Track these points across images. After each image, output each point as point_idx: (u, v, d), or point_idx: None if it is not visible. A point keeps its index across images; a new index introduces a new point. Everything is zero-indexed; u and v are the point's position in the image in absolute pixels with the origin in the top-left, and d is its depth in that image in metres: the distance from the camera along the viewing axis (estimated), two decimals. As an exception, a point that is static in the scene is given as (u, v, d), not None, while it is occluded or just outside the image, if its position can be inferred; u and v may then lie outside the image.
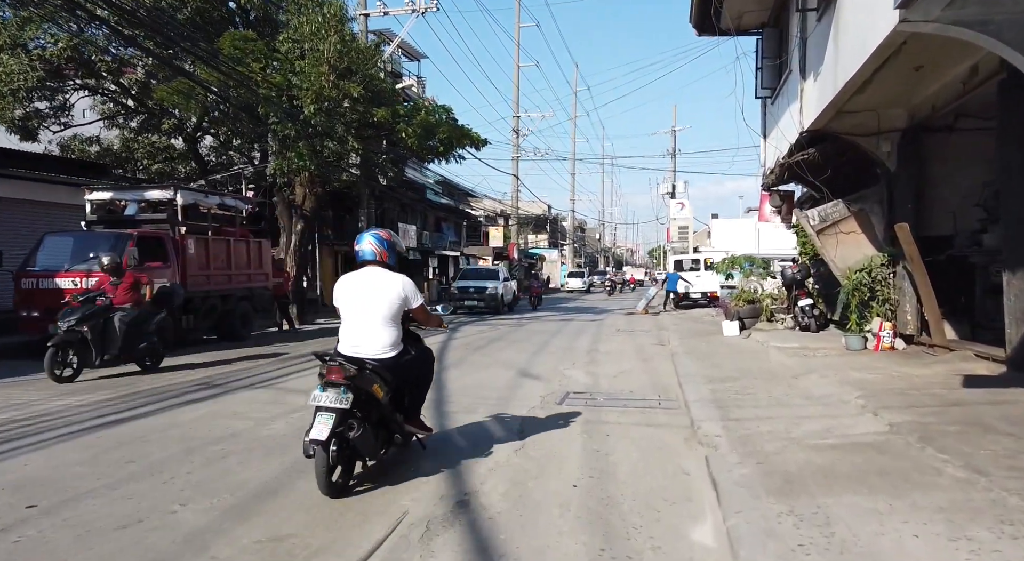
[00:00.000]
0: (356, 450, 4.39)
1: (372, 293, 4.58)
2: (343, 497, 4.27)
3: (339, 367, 4.28)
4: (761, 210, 15.60)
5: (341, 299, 4.69)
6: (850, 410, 6.21)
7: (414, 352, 4.90)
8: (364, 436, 4.27)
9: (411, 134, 19.98)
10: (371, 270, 4.67)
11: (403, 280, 4.66)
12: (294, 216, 19.36)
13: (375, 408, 4.48)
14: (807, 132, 10.80)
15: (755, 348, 11.99)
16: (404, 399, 4.89)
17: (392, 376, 4.54)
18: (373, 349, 4.52)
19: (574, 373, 9.96)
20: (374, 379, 4.39)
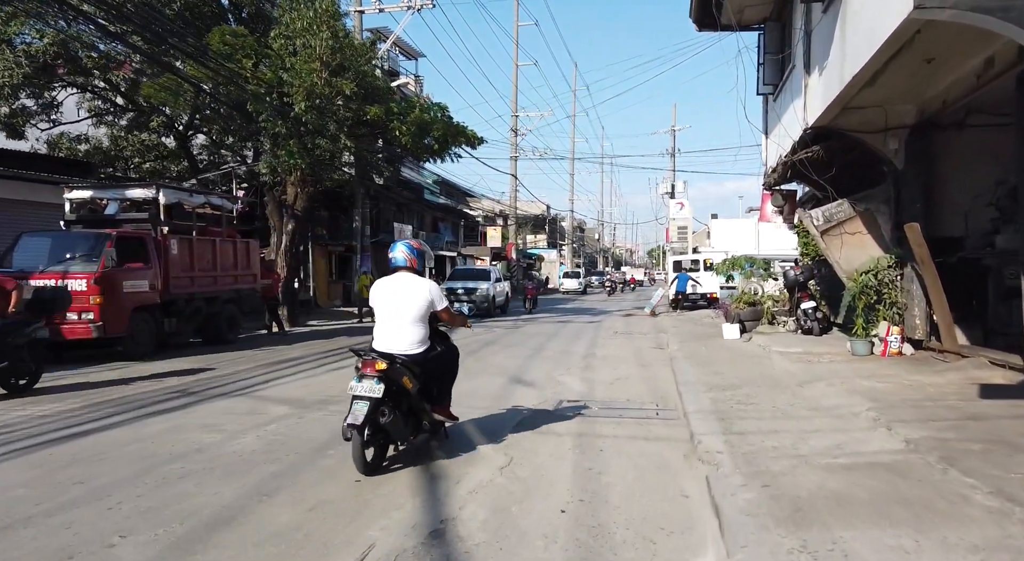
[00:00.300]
0: (388, 434, 5.00)
1: (403, 296, 5.14)
2: (375, 475, 4.85)
3: (372, 361, 4.84)
4: (763, 210, 15.19)
5: (376, 301, 5.25)
6: (861, 423, 5.79)
7: (440, 349, 5.44)
8: (394, 422, 4.85)
9: (405, 132, 19.56)
10: (402, 275, 5.24)
11: (430, 285, 5.25)
12: (285, 216, 18.93)
13: (405, 398, 5.02)
14: (811, 129, 10.38)
15: (757, 352, 11.57)
16: (432, 390, 5.41)
17: (420, 370, 5.10)
18: (403, 346, 5.07)
19: (568, 380, 9.55)
20: (404, 372, 4.94)
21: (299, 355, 12.21)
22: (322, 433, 6.10)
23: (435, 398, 5.47)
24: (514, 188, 47.02)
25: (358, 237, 26.73)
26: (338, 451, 5.50)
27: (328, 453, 5.45)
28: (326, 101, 18.23)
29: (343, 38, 18.84)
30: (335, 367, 10.68)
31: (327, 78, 17.99)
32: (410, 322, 5.11)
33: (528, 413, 7.13)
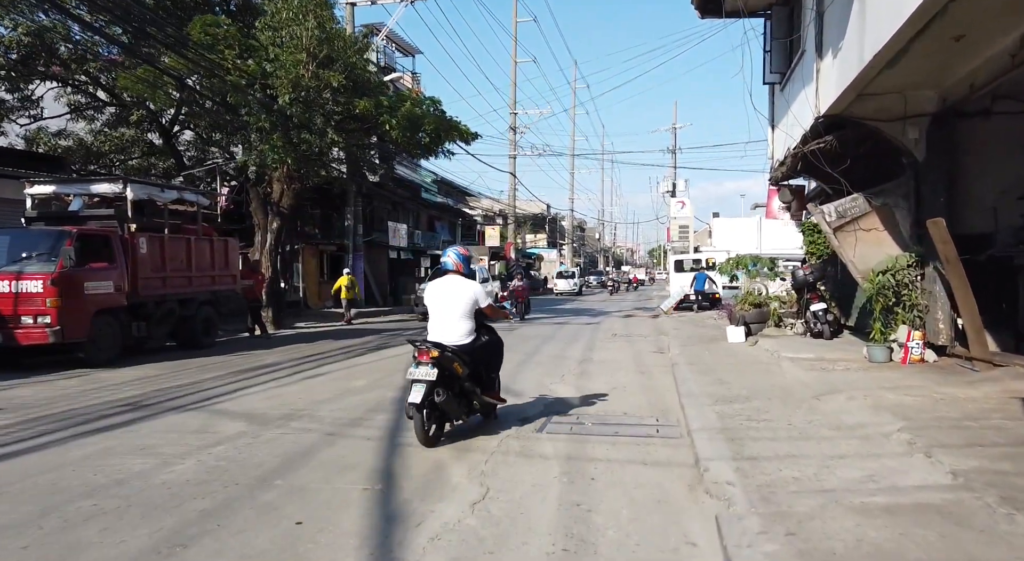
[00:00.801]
0: (444, 412, 5.76)
1: (451, 295, 5.99)
2: (434, 447, 5.59)
3: (427, 350, 5.59)
4: (769, 206, 14.41)
5: (429, 300, 6.12)
6: (894, 448, 5.01)
7: (485, 339, 6.20)
8: (448, 401, 5.64)
9: (395, 126, 18.77)
10: (451, 278, 6.13)
11: (475, 286, 6.13)
12: (270, 213, 18.17)
13: (456, 381, 5.80)
14: (824, 117, 9.61)
15: (764, 359, 10.79)
16: (481, 376, 6.18)
17: (469, 357, 5.89)
18: (453, 338, 5.87)
19: (561, 389, 8.77)
20: (454, 359, 5.70)
21: (275, 361, 11.44)
22: (272, 458, 5.32)
23: (484, 383, 6.25)
24: (513, 187, 46.29)
25: (350, 236, 25.98)
26: (286, 481, 4.73)
27: (274, 484, 4.68)
28: (312, 94, 17.47)
29: (331, 28, 18.08)
30: (310, 375, 9.91)
31: (314, 70, 17.24)
32: (458, 317, 5.95)
33: (512, 430, 6.34)
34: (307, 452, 5.51)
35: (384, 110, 18.78)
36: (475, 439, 5.99)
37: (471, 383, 5.98)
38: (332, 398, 8.00)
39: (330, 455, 5.43)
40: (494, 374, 6.46)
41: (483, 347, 6.15)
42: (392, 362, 11.38)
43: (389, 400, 7.88)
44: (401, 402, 7.78)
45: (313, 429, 6.32)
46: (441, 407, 5.66)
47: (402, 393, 8.35)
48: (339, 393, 8.35)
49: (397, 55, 43.09)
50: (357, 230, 26.28)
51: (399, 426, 6.52)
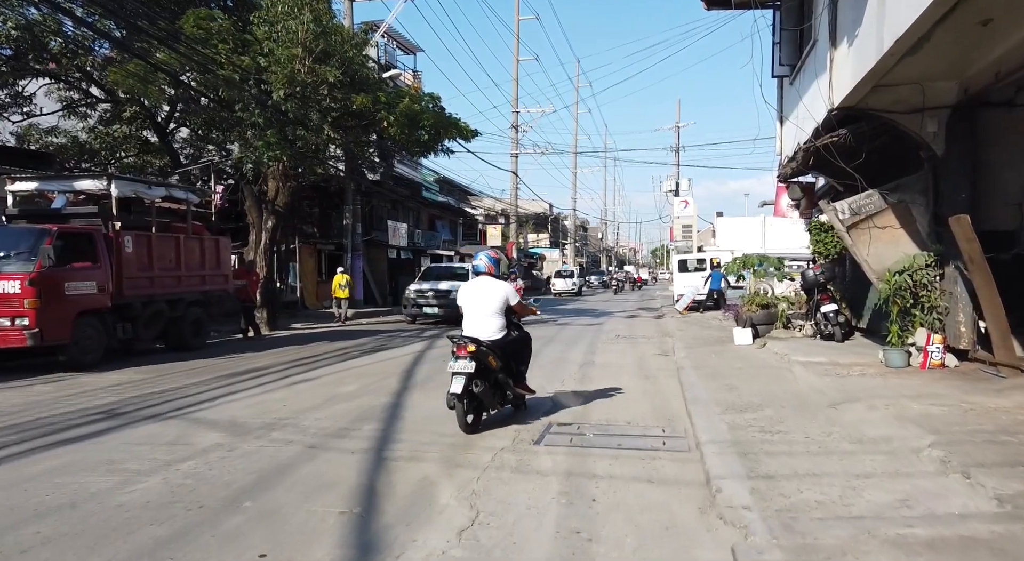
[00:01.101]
0: (481, 402, 6.21)
1: (484, 295, 6.44)
2: (473, 434, 6.05)
3: (464, 345, 6.02)
4: (777, 204, 13.96)
5: (463, 299, 6.59)
6: (926, 466, 4.57)
7: (515, 335, 6.67)
8: (485, 392, 6.11)
9: (393, 123, 18.37)
10: (483, 279, 6.57)
11: (505, 285, 6.58)
12: (265, 212, 17.74)
13: (491, 373, 6.23)
14: (837, 110, 9.15)
15: (774, 362, 10.34)
16: (512, 368, 6.61)
17: (501, 351, 6.33)
18: (486, 333, 6.30)
19: (562, 396, 8.32)
20: (488, 353, 6.14)
21: (265, 365, 11.01)
22: (246, 475, 4.89)
23: (515, 376, 6.68)
24: (514, 185, 45.83)
25: (348, 235, 25.55)
26: (256, 503, 4.30)
27: (243, 507, 4.25)
28: (309, 89, 17.06)
29: (327, 22, 17.66)
30: (299, 379, 9.48)
31: (310, 65, 16.82)
32: (490, 315, 6.40)
33: (508, 442, 5.91)
34: (284, 468, 5.08)
35: (382, 106, 18.36)
36: (469, 453, 5.55)
37: (503, 375, 6.45)
38: (318, 405, 7.57)
39: (308, 471, 5.00)
40: (523, 367, 6.93)
41: (513, 342, 6.65)
42: (386, 365, 10.95)
43: (379, 407, 7.45)
44: (391, 409, 7.38)
45: (294, 441, 5.89)
46: (479, 397, 6.15)
47: (393, 399, 7.95)
48: (327, 400, 7.92)
49: (399, 53, 42.65)
50: (356, 229, 25.85)
51: (387, 437, 6.09)
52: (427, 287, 20.22)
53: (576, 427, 6.61)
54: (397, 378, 9.61)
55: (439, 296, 19.68)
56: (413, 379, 9.55)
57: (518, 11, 46.27)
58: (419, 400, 7.95)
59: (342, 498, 4.44)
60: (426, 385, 9.02)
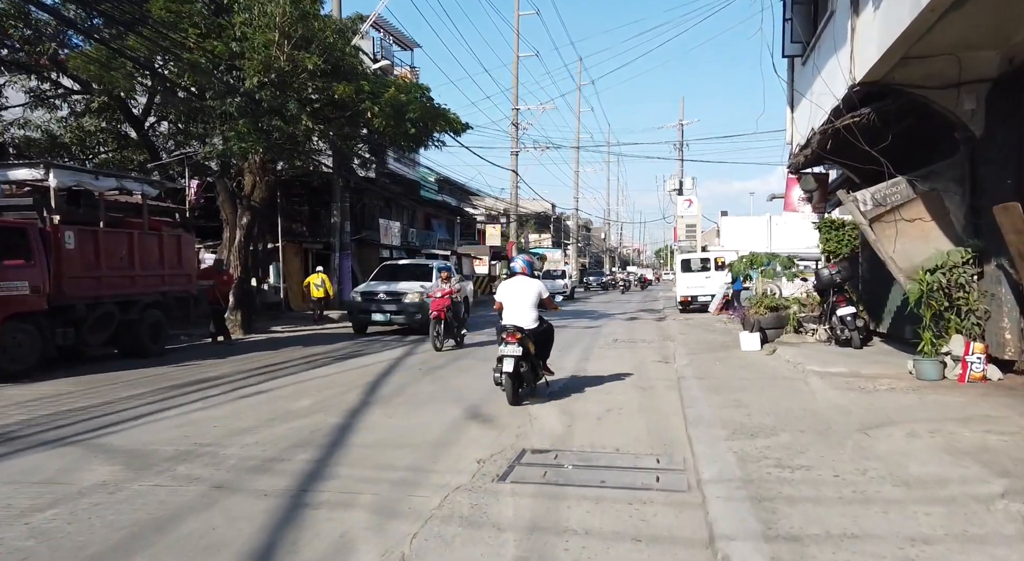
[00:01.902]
0: (522, 380, 7.56)
1: (522, 291, 7.71)
2: (517, 405, 7.37)
3: (513, 332, 7.36)
4: (787, 198, 12.82)
5: (504, 295, 7.80)
6: (1003, 525, 3.44)
7: (545, 325, 7.90)
8: (527, 371, 7.58)
9: (378, 114, 17.25)
10: (520, 278, 7.87)
11: (538, 283, 7.88)
12: (240, 207, 16.65)
13: (530, 356, 7.56)
14: (860, 86, 8.03)
15: (786, 372, 9.20)
16: (540, 351, 7.91)
17: (535, 338, 7.63)
18: (524, 323, 7.55)
19: (542, 412, 7.22)
20: (528, 339, 7.47)
21: (221, 374, 9.92)
22: (113, 531, 3.79)
23: (542, 358, 7.93)
24: (515, 184, 44.74)
25: (336, 233, 24.48)
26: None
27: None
28: (286, 77, 15.98)
29: (307, 6, 16.57)
30: (252, 392, 8.38)
31: (289, 52, 15.74)
32: (528, 307, 7.56)
33: (466, 478, 4.80)
34: (167, 521, 3.97)
35: (366, 96, 17.24)
36: (414, 494, 4.44)
37: (536, 357, 7.74)
38: (256, 426, 6.47)
39: (197, 526, 3.89)
40: (548, 352, 8.17)
41: (544, 331, 7.90)
42: (355, 375, 9.85)
43: (327, 429, 6.35)
44: (339, 431, 6.30)
45: (200, 478, 4.79)
46: (523, 376, 7.43)
47: (346, 419, 6.85)
48: (269, 419, 6.82)
49: (395, 48, 41.71)
50: (344, 227, 24.78)
51: (319, 472, 4.98)
52: (380, 288, 16.31)
53: (554, 455, 5.51)
54: (361, 391, 8.51)
55: (393, 299, 15.89)
56: (379, 392, 8.45)
57: (518, 6, 45.17)
58: (377, 419, 6.85)
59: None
60: (392, 400, 7.91)
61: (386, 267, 18.96)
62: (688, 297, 24.74)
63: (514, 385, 7.34)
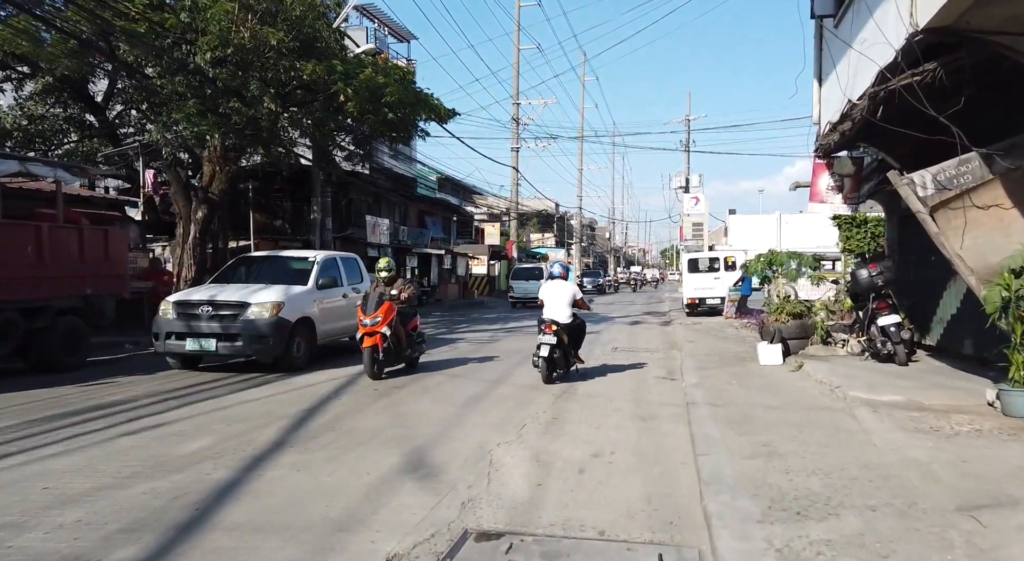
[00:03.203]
0: (556, 365, 8.99)
1: (559, 292, 9.17)
2: (550, 384, 8.79)
3: (549, 324, 8.79)
4: (814, 186, 10.96)
5: (544, 294, 9.32)
6: None
7: (577, 321, 9.29)
8: (560, 357, 9.00)
9: (352, 96, 15.46)
10: (559, 281, 9.35)
11: (573, 285, 9.51)
12: (194, 200, 14.88)
13: (563, 345, 8.98)
14: (925, 33, 6.18)
15: (824, 398, 7.36)
16: (574, 342, 9.33)
17: (568, 331, 9.02)
18: (560, 318, 8.94)
19: (508, 459, 5.42)
20: (562, 331, 8.87)
21: (129, 398, 8.12)
22: None
23: (574, 348, 9.43)
24: (515, 181, 42.98)
25: (316, 230, 22.69)
26: None
27: None
28: (247, 54, 14.22)
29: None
30: (140, 427, 6.57)
31: (252, 26, 13.98)
32: (564, 305, 9.07)
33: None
34: None
35: (338, 77, 15.47)
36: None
37: (569, 347, 9.12)
38: (102, 488, 4.68)
39: None
40: (579, 343, 9.51)
41: (577, 326, 9.23)
42: (289, 398, 8.06)
43: (196, 494, 4.54)
44: (217, 495, 4.45)
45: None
46: (556, 361, 8.91)
47: (238, 473, 4.95)
48: (131, 473, 5.02)
49: (391, 40, 40.07)
50: (326, 224, 22.96)
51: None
52: (201, 298, 10.25)
53: (507, 544, 3.71)
54: (285, 423, 6.71)
55: (218, 316, 9.91)
56: (306, 426, 6.65)
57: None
58: (280, 474, 5.05)
59: None
60: (315, 440, 6.10)
61: (241, 261, 12.30)
62: (695, 299, 22.91)
63: (548, 368, 8.83)
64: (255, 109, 14.47)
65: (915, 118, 6.81)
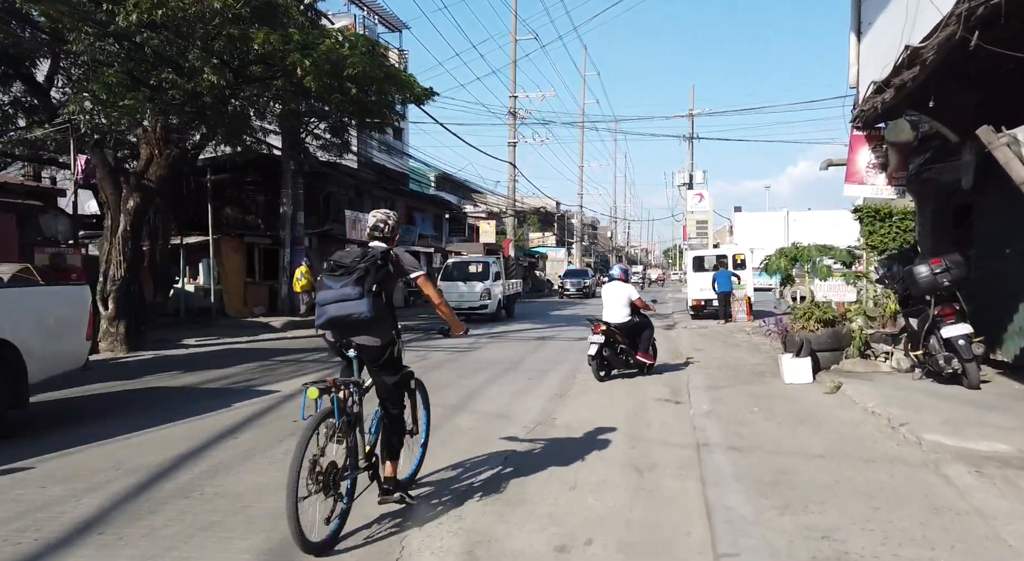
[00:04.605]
0: (610, 363, 9.09)
1: (616, 293, 9.35)
2: (606, 382, 8.88)
3: (598, 324, 9.00)
4: (851, 164, 8.93)
5: (603, 295, 9.58)
6: None
7: (637, 320, 9.32)
8: (611, 356, 9.02)
9: (309, 69, 13.45)
10: (617, 283, 9.51)
11: (629, 286, 9.52)
12: (125, 187, 12.90)
13: (616, 344, 9.07)
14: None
15: (887, 443, 5.37)
16: (636, 343, 9.30)
17: (625, 330, 9.16)
18: (616, 318, 9.18)
19: (427, 557, 3.43)
20: (614, 331, 9.03)
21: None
22: None
23: (638, 348, 9.32)
24: (512, 177, 41.05)
25: (287, 225, 20.74)
26: None
27: None
28: (187, 18, 12.24)
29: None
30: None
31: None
32: (620, 305, 9.24)
33: None
34: None
35: (295, 47, 13.46)
36: None
37: (626, 346, 9.18)
38: None
39: None
40: (642, 342, 9.37)
41: (635, 325, 9.29)
42: (167, 439, 6.08)
43: None
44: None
45: None
46: (607, 359, 9.00)
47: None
48: None
49: (380, 29, 38.18)
50: (297, 218, 21.07)
51: None
52: None
53: None
54: (123, 487, 4.73)
55: None
56: (149, 495, 4.66)
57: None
58: None
59: None
60: (146, 521, 4.11)
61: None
62: (701, 301, 20.93)
63: (599, 365, 8.91)
64: (195, 82, 12.50)
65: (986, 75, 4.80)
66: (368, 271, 3.67)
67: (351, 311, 3.63)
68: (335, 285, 3.68)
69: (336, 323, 3.72)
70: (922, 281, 7.31)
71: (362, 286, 3.63)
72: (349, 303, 3.63)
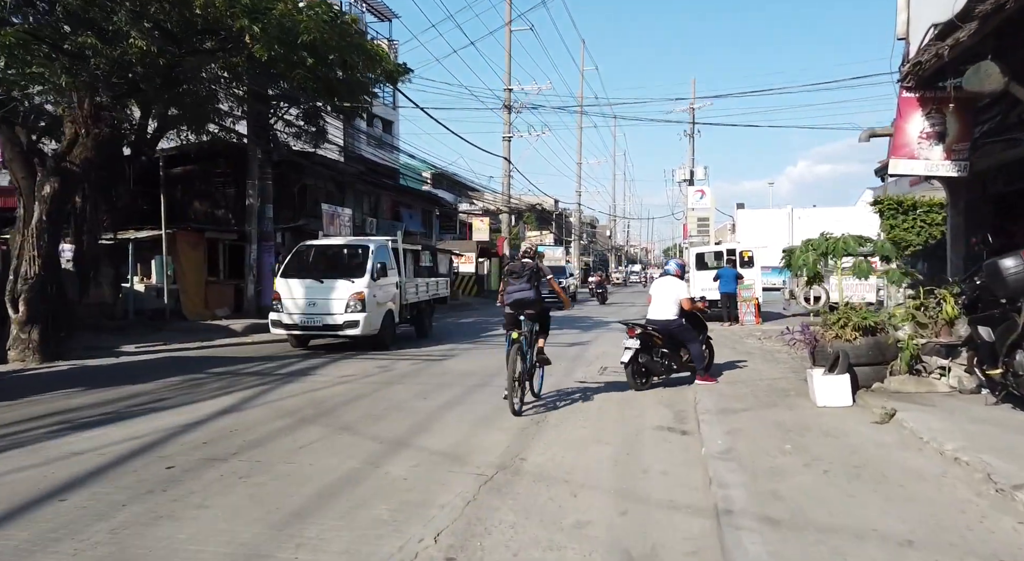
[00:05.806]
0: (648, 368, 8.33)
1: (665, 289, 8.67)
2: (642, 390, 8.12)
3: (632, 328, 8.28)
4: (899, 134, 7.14)
5: (653, 290, 8.91)
6: None
7: (683, 321, 8.53)
8: (648, 361, 8.29)
9: (259, 36, 11.67)
10: (669, 278, 8.87)
11: (680, 285, 8.75)
12: (40, 171, 11.10)
13: (655, 349, 8.39)
14: None
15: (998, 518, 3.62)
16: (679, 346, 8.56)
17: (667, 333, 8.42)
18: (662, 316, 8.49)
19: None
20: (652, 335, 8.34)
21: None
22: None
23: (679, 350, 8.60)
24: (507, 172, 39.27)
25: (253, 219, 18.95)
26: None
27: None
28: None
29: None
30: None
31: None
32: (668, 303, 8.51)
33: None
34: None
35: (242, 11, 11.69)
36: None
37: (669, 350, 8.42)
38: None
39: None
40: (688, 346, 8.52)
41: (679, 327, 8.47)
42: (39, 477, 4.31)
43: None
44: None
45: None
46: (644, 365, 8.27)
47: None
48: None
49: (369, 18, 36.48)
50: (265, 212, 19.28)
51: None
52: None
53: None
54: None
55: None
56: None
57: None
58: None
59: None
60: None
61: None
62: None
63: (633, 373, 8.22)
64: (121, 49, 10.74)
65: None
66: (531, 276, 7.16)
67: (524, 296, 7.11)
68: (515, 283, 7.18)
69: (517, 303, 7.12)
70: (1011, 278, 5.52)
71: (529, 283, 7.15)
72: (524, 292, 7.12)
